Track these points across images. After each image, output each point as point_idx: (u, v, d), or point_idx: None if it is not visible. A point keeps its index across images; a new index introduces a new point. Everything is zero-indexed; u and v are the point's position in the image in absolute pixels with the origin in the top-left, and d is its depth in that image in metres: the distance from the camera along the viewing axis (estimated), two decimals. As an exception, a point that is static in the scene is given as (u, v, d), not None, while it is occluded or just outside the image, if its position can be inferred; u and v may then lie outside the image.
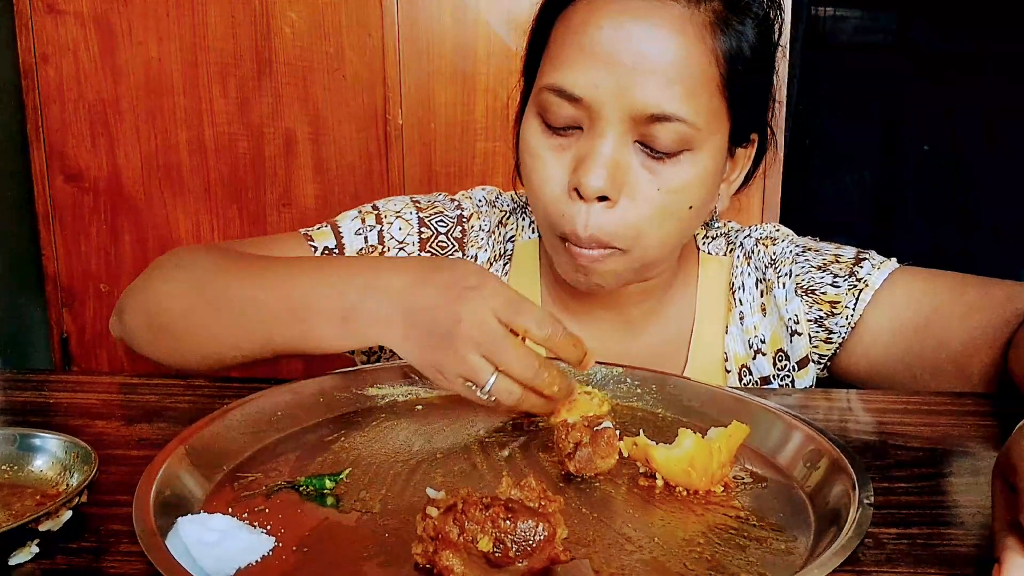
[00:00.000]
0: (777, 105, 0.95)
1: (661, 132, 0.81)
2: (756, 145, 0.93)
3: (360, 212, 1.01)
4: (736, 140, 0.89)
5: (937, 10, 2.50)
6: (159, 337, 0.87)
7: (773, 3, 0.89)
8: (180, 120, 1.72)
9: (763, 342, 0.98)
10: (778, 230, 1.03)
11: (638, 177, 0.83)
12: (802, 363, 0.97)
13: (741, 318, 0.99)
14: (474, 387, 0.72)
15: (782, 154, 1.64)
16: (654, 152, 0.83)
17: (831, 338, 0.96)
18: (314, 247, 0.98)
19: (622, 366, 0.84)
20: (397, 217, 1.00)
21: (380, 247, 0.98)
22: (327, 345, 0.79)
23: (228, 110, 1.71)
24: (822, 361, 0.98)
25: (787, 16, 1.58)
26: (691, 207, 0.86)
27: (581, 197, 0.83)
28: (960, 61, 2.47)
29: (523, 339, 0.72)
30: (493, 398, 0.72)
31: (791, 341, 0.97)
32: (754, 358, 0.98)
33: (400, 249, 0.99)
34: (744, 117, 0.88)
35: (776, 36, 0.90)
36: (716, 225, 1.03)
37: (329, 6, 1.67)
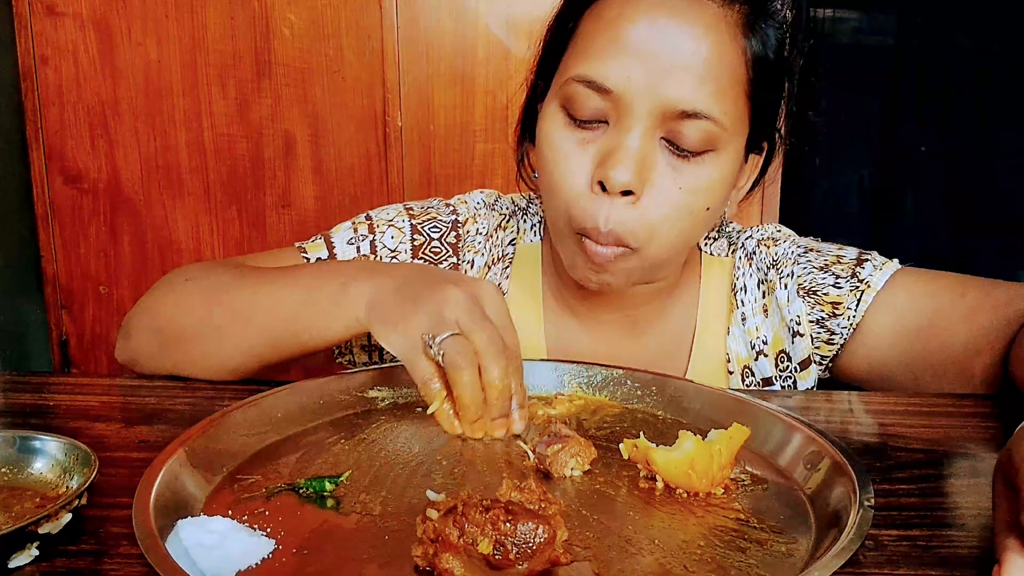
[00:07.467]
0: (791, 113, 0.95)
1: (690, 130, 0.82)
2: (764, 154, 0.93)
3: (353, 223, 1.01)
4: (750, 146, 0.89)
5: (937, 10, 2.50)
6: (171, 349, 0.88)
7: (792, 11, 0.89)
8: (179, 122, 1.72)
9: (765, 343, 0.98)
10: (779, 231, 1.03)
11: (662, 174, 0.83)
12: (804, 364, 0.97)
13: (743, 319, 0.98)
14: (429, 341, 0.71)
15: (781, 155, 1.64)
16: (680, 150, 0.83)
17: (832, 339, 0.96)
18: (307, 258, 0.98)
19: (623, 368, 0.84)
20: (389, 226, 1.00)
21: (372, 256, 0.98)
22: (327, 333, 0.81)
23: (227, 112, 1.71)
24: (824, 362, 0.98)
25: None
26: (708, 208, 0.86)
27: (605, 191, 0.82)
28: (959, 61, 2.47)
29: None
30: (442, 352, 0.71)
31: (793, 342, 0.97)
32: (756, 359, 0.98)
33: (392, 257, 0.99)
34: (762, 123, 0.89)
35: (789, 45, 0.90)
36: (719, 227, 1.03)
37: (328, 8, 1.67)
